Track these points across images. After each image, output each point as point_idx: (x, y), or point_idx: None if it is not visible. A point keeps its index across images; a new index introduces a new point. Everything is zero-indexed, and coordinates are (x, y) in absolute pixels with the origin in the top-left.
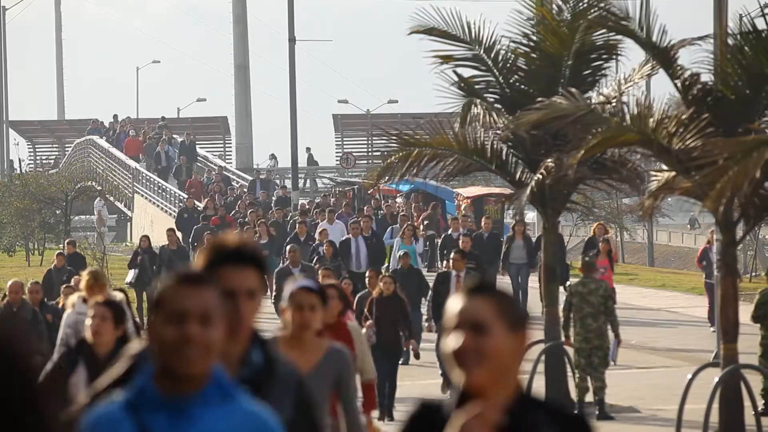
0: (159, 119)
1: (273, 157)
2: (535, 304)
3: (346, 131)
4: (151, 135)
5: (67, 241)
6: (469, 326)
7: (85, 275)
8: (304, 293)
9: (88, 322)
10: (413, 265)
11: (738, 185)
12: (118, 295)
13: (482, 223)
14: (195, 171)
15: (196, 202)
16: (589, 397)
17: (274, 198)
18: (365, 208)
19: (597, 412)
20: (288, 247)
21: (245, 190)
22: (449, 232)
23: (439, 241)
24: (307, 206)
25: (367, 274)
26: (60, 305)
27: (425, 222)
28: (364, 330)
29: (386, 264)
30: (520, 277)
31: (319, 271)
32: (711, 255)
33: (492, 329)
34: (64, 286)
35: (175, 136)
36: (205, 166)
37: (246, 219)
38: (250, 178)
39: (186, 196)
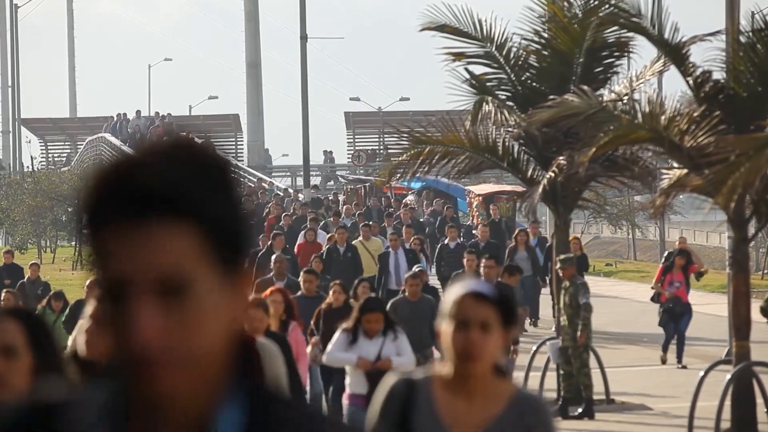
0: (161, 117)
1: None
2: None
3: (358, 129)
4: None
5: (3, 251)
6: None
7: None
8: (475, 303)
9: (79, 337)
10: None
11: (750, 182)
12: None
13: (491, 211)
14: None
15: None
16: (598, 396)
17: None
18: (401, 212)
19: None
20: (273, 257)
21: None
22: (446, 241)
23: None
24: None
25: (407, 281)
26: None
27: None
28: (309, 348)
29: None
30: (525, 291)
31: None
32: None
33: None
34: (52, 293)
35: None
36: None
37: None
38: (261, 175)
39: None
